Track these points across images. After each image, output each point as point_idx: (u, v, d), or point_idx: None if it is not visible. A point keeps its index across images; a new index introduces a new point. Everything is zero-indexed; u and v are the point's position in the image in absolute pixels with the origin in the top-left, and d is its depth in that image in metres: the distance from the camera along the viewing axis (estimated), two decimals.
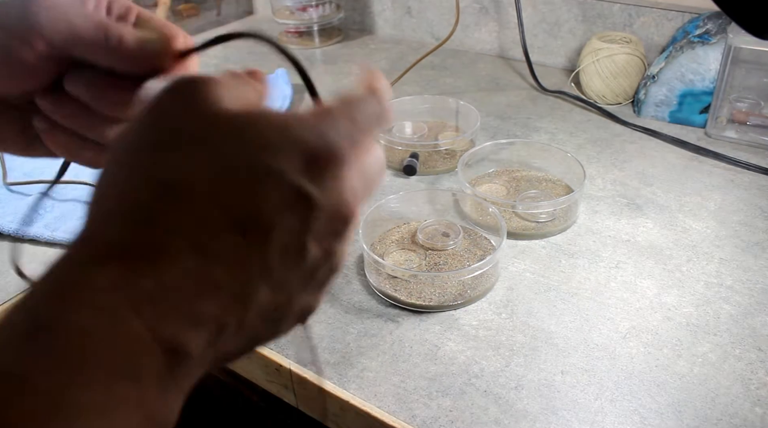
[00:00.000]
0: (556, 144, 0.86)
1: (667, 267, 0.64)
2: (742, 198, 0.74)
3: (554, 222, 0.70)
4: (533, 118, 0.95)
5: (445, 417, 0.49)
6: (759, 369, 0.53)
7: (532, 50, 1.09)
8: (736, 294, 0.60)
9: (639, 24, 1.00)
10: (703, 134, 0.88)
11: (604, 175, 0.80)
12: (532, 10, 1.09)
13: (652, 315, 0.58)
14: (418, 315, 0.60)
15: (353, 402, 0.51)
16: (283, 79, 1.06)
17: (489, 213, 0.68)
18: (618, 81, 0.94)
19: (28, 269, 0.67)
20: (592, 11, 1.03)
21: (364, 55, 1.21)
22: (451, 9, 1.17)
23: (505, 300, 0.61)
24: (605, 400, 0.50)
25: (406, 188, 0.79)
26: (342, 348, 0.56)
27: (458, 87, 1.06)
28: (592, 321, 0.58)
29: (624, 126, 0.91)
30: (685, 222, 0.71)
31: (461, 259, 0.66)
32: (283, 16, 1.27)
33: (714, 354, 0.54)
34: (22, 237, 0.71)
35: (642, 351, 0.55)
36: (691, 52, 0.86)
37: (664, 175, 0.79)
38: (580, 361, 0.54)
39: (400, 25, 1.28)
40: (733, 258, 0.65)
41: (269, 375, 0.58)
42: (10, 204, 0.76)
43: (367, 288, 0.63)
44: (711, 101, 0.86)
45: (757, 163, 0.79)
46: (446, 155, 0.84)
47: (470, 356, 0.55)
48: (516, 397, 0.51)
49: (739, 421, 0.48)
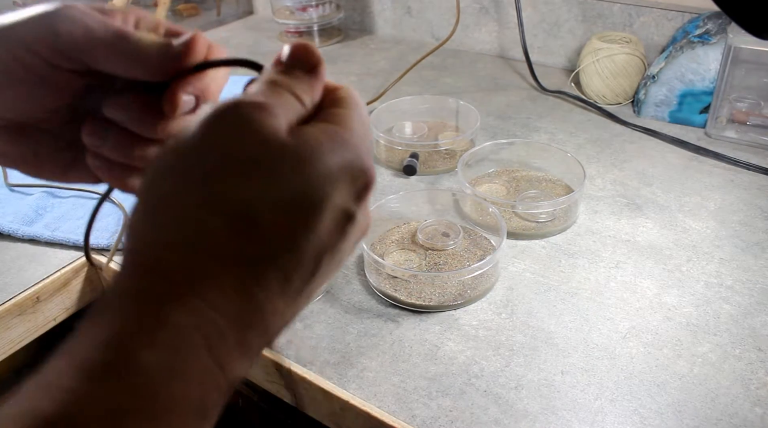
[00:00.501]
0: (556, 144, 0.86)
1: (667, 267, 0.64)
2: (742, 198, 0.74)
3: (554, 222, 0.70)
4: (533, 118, 0.95)
5: (445, 417, 0.49)
6: (759, 369, 0.53)
7: (532, 50, 1.09)
8: (736, 294, 0.60)
9: (639, 24, 1.00)
10: (703, 134, 0.88)
11: (604, 175, 0.80)
12: (532, 10, 1.09)
13: (652, 315, 0.58)
14: (418, 315, 0.60)
15: (353, 402, 0.51)
16: None
17: (489, 213, 0.68)
18: (618, 81, 0.94)
19: (27, 269, 0.67)
20: (592, 11, 1.03)
21: (364, 55, 1.21)
22: (451, 9, 1.17)
23: (504, 300, 0.61)
24: (605, 400, 0.50)
25: (406, 188, 0.79)
26: (342, 348, 0.56)
27: (458, 87, 1.06)
28: (592, 321, 0.58)
29: (624, 126, 0.91)
30: (685, 222, 0.71)
31: (461, 259, 0.66)
32: (283, 16, 1.27)
33: (714, 354, 0.54)
34: (22, 237, 0.71)
35: (642, 351, 0.55)
36: (691, 52, 0.86)
37: (664, 175, 0.79)
38: (580, 361, 0.54)
39: (400, 25, 1.28)
40: (733, 258, 0.65)
41: (269, 375, 0.58)
42: (10, 204, 0.76)
43: (367, 288, 0.63)
44: (711, 101, 0.86)
45: (757, 163, 0.79)
46: (446, 155, 0.84)
47: (470, 356, 0.55)
48: (516, 397, 0.51)
49: (739, 421, 0.48)
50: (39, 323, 0.67)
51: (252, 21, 1.44)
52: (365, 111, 0.29)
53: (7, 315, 0.63)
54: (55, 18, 0.28)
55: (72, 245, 0.70)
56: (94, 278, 0.71)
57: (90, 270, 0.70)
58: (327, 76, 0.29)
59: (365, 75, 1.12)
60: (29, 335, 0.66)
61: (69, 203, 0.77)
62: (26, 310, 0.65)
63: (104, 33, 0.28)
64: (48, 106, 0.31)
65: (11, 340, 0.65)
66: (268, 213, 0.24)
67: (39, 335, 0.67)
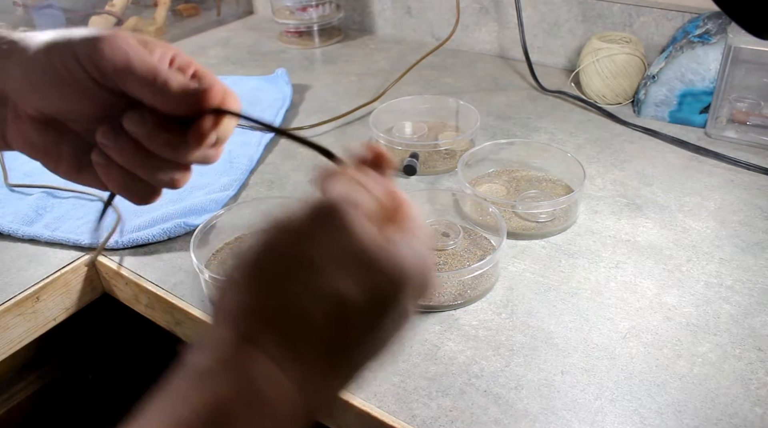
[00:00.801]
0: (556, 144, 0.86)
1: (667, 267, 0.64)
2: (742, 198, 0.74)
3: (554, 222, 0.70)
4: (533, 118, 0.95)
5: (445, 417, 0.49)
6: (759, 369, 0.53)
7: (532, 50, 1.09)
8: (736, 294, 0.60)
9: (639, 24, 1.00)
10: (703, 134, 0.88)
11: (604, 175, 0.80)
12: (532, 10, 1.09)
13: (652, 315, 0.58)
14: (418, 315, 0.59)
15: (353, 402, 0.51)
16: (283, 79, 1.06)
17: (489, 213, 0.68)
18: (618, 81, 0.94)
19: (27, 269, 0.67)
20: (592, 11, 1.03)
21: (364, 55, 1.21)
22: (451, 9, 1.17)
23: (504, 300, 0.61)
24: (605, 400, 0.50)
25: (406, 188, 0.79)
26: None
27: (458, 87, 1.06)
28: (592, 321, 0.58)
29: (624, 126, 0.91)
30: (685, 222, 0.71)
31: (461, 259, 0.66)
32: (283, 16, 1.27)
33: (714, 354, 0.54)
34: (22, 237, 0.71)
35: (642, 351, 0.55)
36: (691, 52, 0.86)
37: (664, 175, 0.79)
38: (580, 361, 0.54)
39: (400, 25, 1.28)
40: (733, 258, 0.65)
41: None
42: (10, 204, 0.76)
43: None
44: (711, 101, 0.86)
45: (757, 163, 0.79)
46: (446, 155, 0.84)
47: (470, 356, 0.55)
48: (516, 397, 0.51)
49: (739, 421, 0.48)
50: (39, 323, 0.67)
51: (252, 21, 1.44)
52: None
53: (7, 315, 0.63)
54: (104, 43, 0.33)
55: (72, 245, 0.70)
56: (94, 278, 0.71)
57: (90, 270, 0.70)
58: (327, 76, 0.31)
59: (365, 75, 1.12)
60: (29, 335, 0.66)
61: (69, 203, 0.77)
62: (26, 310, 0.65)
63: (140, 66, 0.33)
64: (81, 111, 0.35)
65: (11, 340, 0.65)
66: (358, 304, 0.28)
67: (39, 335, 0.67)
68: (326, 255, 0.28)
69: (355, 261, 0.28)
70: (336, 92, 1.05)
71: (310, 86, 1.08)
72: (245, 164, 0.83)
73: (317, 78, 1.11)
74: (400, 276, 0.29)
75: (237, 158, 0.84)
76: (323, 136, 0.93)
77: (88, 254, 0.69)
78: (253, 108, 0.98)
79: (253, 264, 0.29)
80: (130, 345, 0.87)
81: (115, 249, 0.70)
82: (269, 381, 0.26)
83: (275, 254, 0.29)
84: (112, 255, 0.69)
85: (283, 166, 0.85)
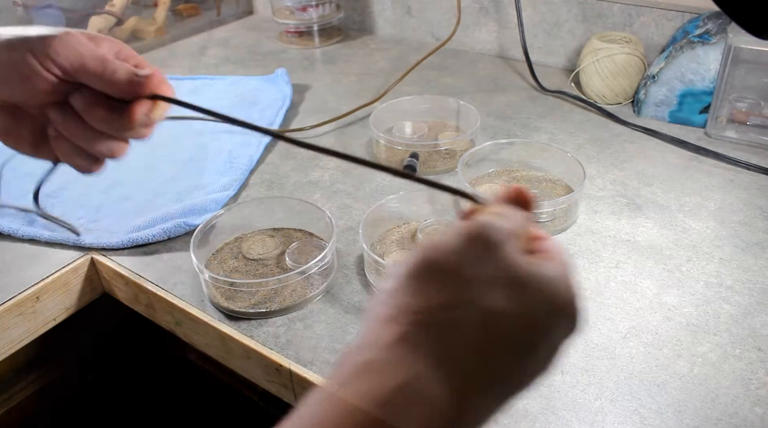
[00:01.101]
0: (556, 144, 0.86)
1: (667, 267, 0.64)
2: (742, 198, 0.74)
3: (554, 222, 0.70)
4: (533, 118, 0.95)
5: None
6: (759, 369, 0.53)
7: (532, 50, 1.09)
8: (736, 294, 0.60)
9: (639, 24, 1.00)
10: (703, 134, 0.88)
11: (604, 175, 0.80)
12: (532, 10, 1.09)
13: (652, 315, 0.58)
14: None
15: None
16: (283, 79, 1.06)
17: None
18: (618, 81, 0.94)
19: (27, 269, 0.67)
20: (592, 11, 1.03)
21: (364, 55, 1.21)
22: (451, 9, 1.17)
23: None
24: (605, 400, 0.50)
25: (406, 188, 0.79)
26: (342, 348, 0.56)
27: (458, 87, 1.06)
28: (592, 321, 0.58)
29: (624, 126, 0.91)
30: (685, 222, 0.71)
31: None
32: (283, 16, 1.27)
33: (714, 354, 0.54)
34: (22, 237, 0.72)
35: (642, 351, 0.55)
36: (691, 52, 0.86)
37: (664, 175, 0.79)
38: (580, 361, 0.54)
39: (400, 25, 1.28)
40: (733, 258, 0.65)
41: (269, 375, 0.58)
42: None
43: (367, 288, 0.63)
44: (711, 101, 0.86)
45: (757, 163, 0.79)
46: (446, 155, 0.84)
47: None
48: None
49: (739, 421, 0.48)
50: (39, 323, 0.67)
51: (252, 21, 1.44)
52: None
53: (7, 315, 0.63)
54: (57, 40, 0.39)
55: (72, 245, 0.70)
56: (94, 278, 0.71)
57: (90, 270, 0.70)
58: (327, 76, 0.31)
59: (365, 75, 1.12)
60: (29, 335, 0.66)
61: (69, 203, 0.77)
62: (26, 310, 0.65)
63: (91, 61, 0.39)
64: (38, 98, 0.40)
65: (11, 340, 0.65)
66: (509, 319, 0.29)
67: (39, 335, 0.67)
68: (478, 270, 0.30)
69: (505, 279, 0.29)
70: (336, 92, 1.05)
71: (310, 86, 1.08)
72: (245, 164, 0.83)
73: (317, 78, 1.11)
74: (550, 299, 0.30)
75: (237, 158, 0.84)
76: (323, 137, 0.93)
77: (85, 253, 0.69)
78: (253, 108, 0.98)
79: (409, 274, 0.30)
80: (130, 345, 0.87)
81: (116, 249, 0.70)
82: (427, 381, 0.27)
83: (431, 267, 0.30)
84: (112, 255, 0.69)
85: (283, 166, 0.85)
